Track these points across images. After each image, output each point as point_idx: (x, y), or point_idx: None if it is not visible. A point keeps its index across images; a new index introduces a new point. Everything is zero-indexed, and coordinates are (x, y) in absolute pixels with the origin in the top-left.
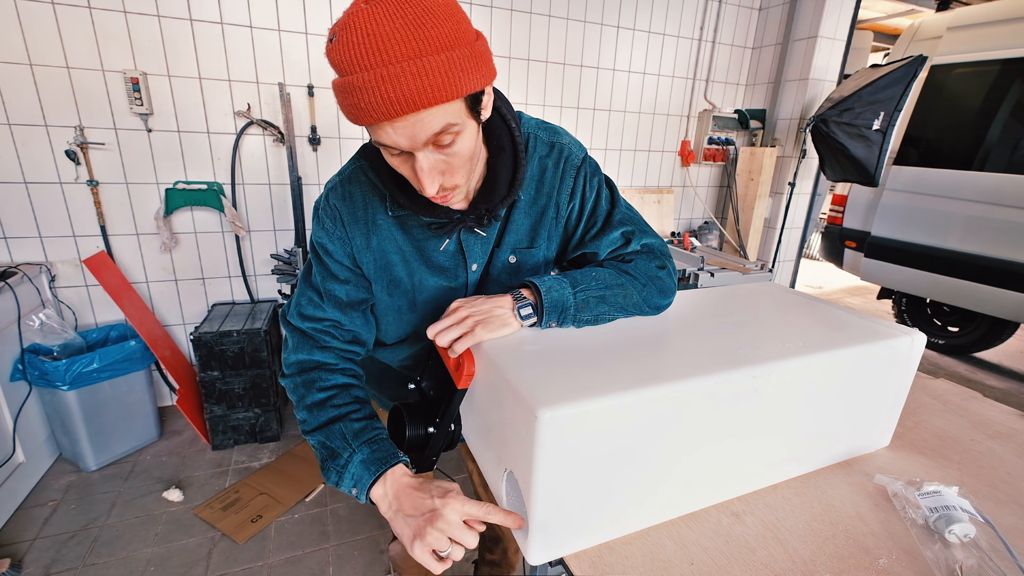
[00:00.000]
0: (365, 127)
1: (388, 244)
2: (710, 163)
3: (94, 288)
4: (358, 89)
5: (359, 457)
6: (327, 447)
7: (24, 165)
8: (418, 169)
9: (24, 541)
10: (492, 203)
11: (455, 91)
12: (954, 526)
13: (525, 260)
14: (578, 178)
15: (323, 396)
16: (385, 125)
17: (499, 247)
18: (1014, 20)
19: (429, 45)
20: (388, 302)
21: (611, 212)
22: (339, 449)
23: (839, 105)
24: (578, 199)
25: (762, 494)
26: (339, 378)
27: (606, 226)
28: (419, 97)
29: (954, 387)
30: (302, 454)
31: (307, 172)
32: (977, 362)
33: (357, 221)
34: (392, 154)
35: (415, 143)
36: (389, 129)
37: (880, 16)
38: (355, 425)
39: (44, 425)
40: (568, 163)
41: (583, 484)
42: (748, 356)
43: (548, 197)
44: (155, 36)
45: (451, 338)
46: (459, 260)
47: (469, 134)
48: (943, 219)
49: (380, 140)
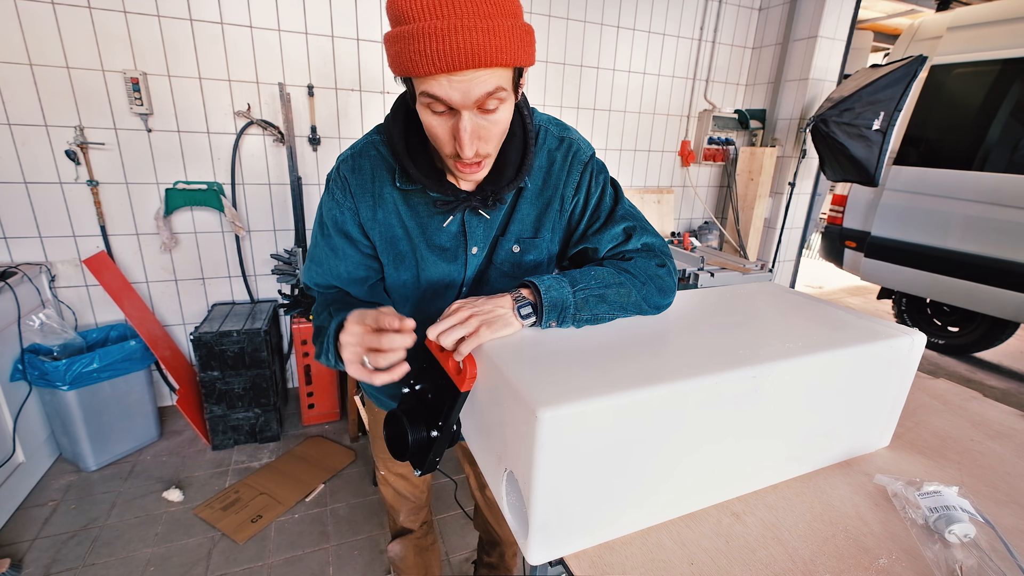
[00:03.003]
0: (417, 78)
1: (393, 218)
2: (710, 163)
3: (94, 288)
4: (426, 36)
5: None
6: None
7: (24, 165)
8: (462, 129)
9: (24, 541)
10: (499, 185)
11: (513, 58)
12: (954, 526)
13: (528, 250)
14: (584, 173)
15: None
16: (442, 77)
17: (504, 236)
18: (1014, 20)
19: (499, 9)
20: (395, 276)
21: (614, 208)
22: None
23: (839, 105)
24: (583, 194)
25: (762, 494)
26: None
27: (608, 222)
28: (484, 54)
29: (954, 387)
30: (302, 454)
31: (307, 172)
32: (977, 362)
33: (365, 192)
34: (435, 111)
35: (466, 100)
36: (445, 81)
37: (880, 16)
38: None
39: (44, 425)
40: (576, 158)
41: (583, 484)
42: (748, 356)
43: (554, 189)
44: (155, 36)
45: (455, 338)
46: (460, 241)
47: (509, 105)
48: (943, 219)
49: (433, 92)
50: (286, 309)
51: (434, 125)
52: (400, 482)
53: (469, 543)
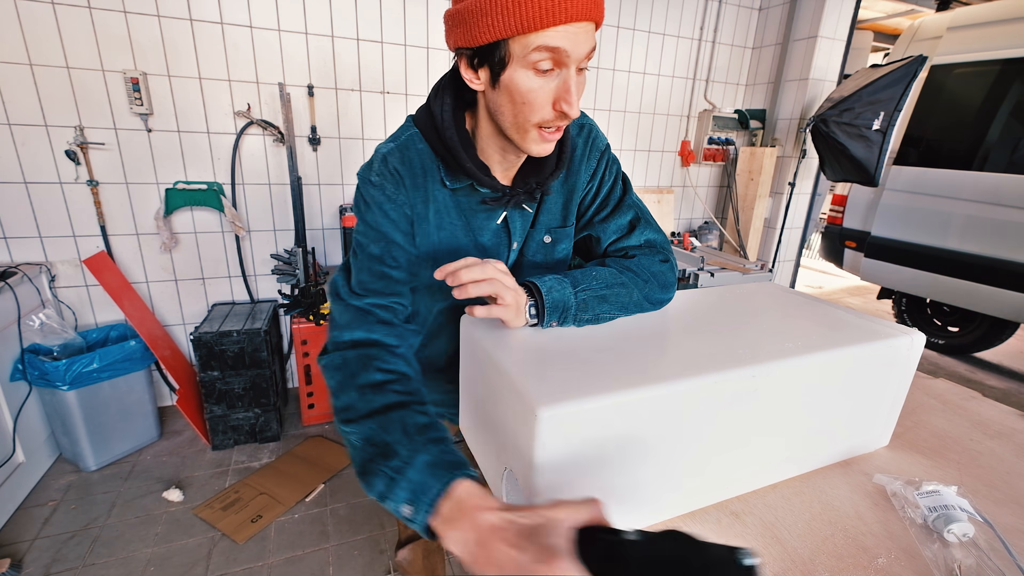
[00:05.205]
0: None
1: (444, 217)
2: (710, 163)
3: (94, 288)
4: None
5: (424, 458)
6: (377, 442)
7: (24, 165)
8: (570, 83)
9: (24, 541)
10: (543, 176)
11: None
12: (953, 525)
13: (559, 239)
14: (601, 160)
15: (382, 378)
16: (560, 28)
17: (534, 227)
18: (1014, 20)
19: None
20: (427, 278)
21: (622, 199)
22: (396, 444)
23: (839, 105)
24: (596, 181)
25: (761, 493)
26: (401, 365)
27: (615, 212)
28: (595, 6)
29: (954, 387)
30: (302, 454)
31: (307, 172)
32: (977, 362)
33: (417, 188)
34: (540, 70)
35: (579, 52)
36: (562, 32)
37: (880, 16)
38: (419, 419)
39: (44, 425)
40: (595, 144)
41: (582, 483)
42: (747, 356)
43: (576, 176)
44: (155, 36)
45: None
46: (502, 238)
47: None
48: (943, 219)
49: (552, 43)
50: (286, 309)
51: (535, 88)
52: None
53: None
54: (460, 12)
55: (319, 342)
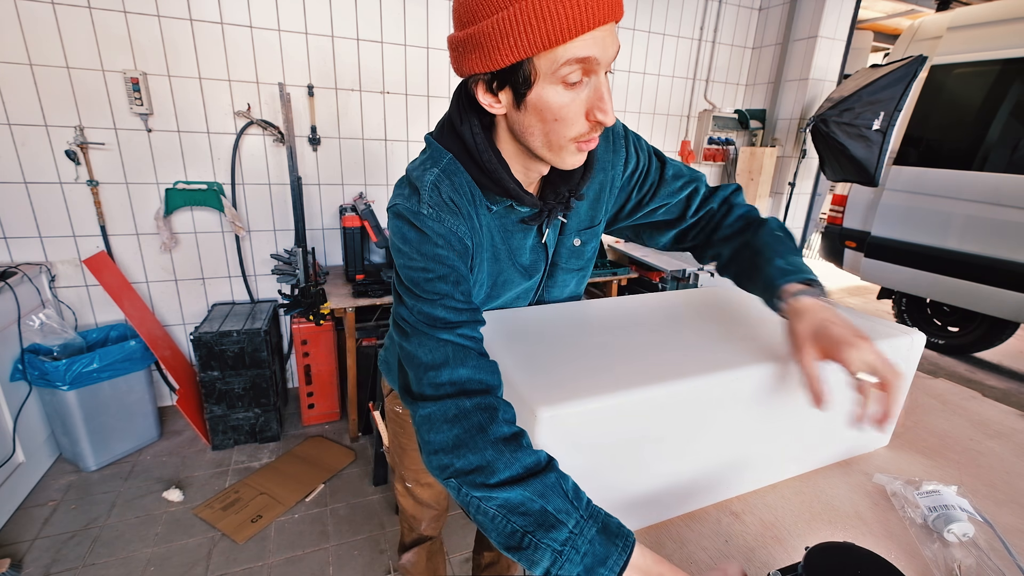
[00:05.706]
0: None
1: (491, 242)
2: (710, 163)
3: (94, 288)
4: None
5: (594, 528)
6: (533, 512)
7: (24, 165)
8: (603, 89)
9: (24, 541)
10: (572, 183)
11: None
12: (953, 525)
13: (588, 240)
14: (628, 144)
15: (512, 431)
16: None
17: (563, 234)
18: (1014, 20)
19: None
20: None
21: (662, 168)
22: (559, 514)
23: (839, 105)
24: (633, 162)
25: (761, 493)
26: (512, 410)
27: (662, 181)
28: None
29: (953, 387)
30: (302, 454)
31: (307, 172)
32: (977, 362)
33: (470, 216)
34: (570, 83)
35: (608, 56)
36: (590, 39)
37: (880, 16)
38: (569, 481)
39: (44, 425)
40: (615, 134)
41: (582, 483)
42: (748, 356)
43: (604, 172)
44: (155, 36)
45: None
46: (539, 253)
47: None
48: (943, 219)
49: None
50: (286, 309)
51: (566, 103)
52: (426, 491)
53: (469, 543)
54: (473, 36)
55: (319, 342)
